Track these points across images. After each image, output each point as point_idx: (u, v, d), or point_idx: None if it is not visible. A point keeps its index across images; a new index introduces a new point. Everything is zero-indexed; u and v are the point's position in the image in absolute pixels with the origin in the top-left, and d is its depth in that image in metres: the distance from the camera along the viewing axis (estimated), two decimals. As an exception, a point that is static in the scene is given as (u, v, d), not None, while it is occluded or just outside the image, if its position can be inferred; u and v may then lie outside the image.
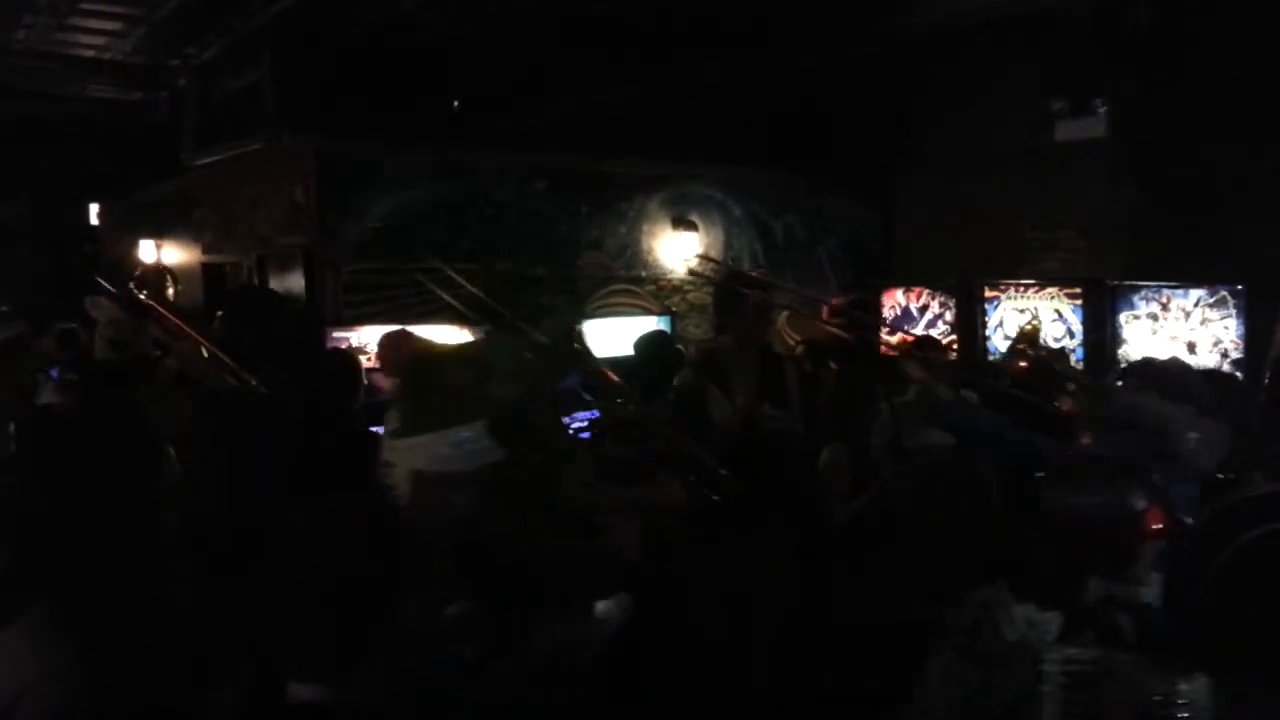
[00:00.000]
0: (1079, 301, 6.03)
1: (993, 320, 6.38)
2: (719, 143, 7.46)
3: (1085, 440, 2.88)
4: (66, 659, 1.38)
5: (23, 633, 1.42)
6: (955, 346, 6.39)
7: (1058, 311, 6.10)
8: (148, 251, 9.21)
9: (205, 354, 3.58)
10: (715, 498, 2.82)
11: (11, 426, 2.83)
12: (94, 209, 11.31)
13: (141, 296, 5.06)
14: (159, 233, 9.26)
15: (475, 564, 2.05)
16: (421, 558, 1.61)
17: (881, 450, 3.80)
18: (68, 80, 9.61)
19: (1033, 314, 6.27)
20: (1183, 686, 1.51)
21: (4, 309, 3.15)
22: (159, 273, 5.61)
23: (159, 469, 1.56)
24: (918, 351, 4.17)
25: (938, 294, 6.74)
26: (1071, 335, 6.02)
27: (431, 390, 2.10)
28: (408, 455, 2.02)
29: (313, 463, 3.33)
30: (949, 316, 6.62)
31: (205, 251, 8.16)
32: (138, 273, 5.46)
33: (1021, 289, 6.30)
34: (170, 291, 5.34)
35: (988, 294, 6.42)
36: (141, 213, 9.79)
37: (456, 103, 8.30)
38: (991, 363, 4.00)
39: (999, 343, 6.33)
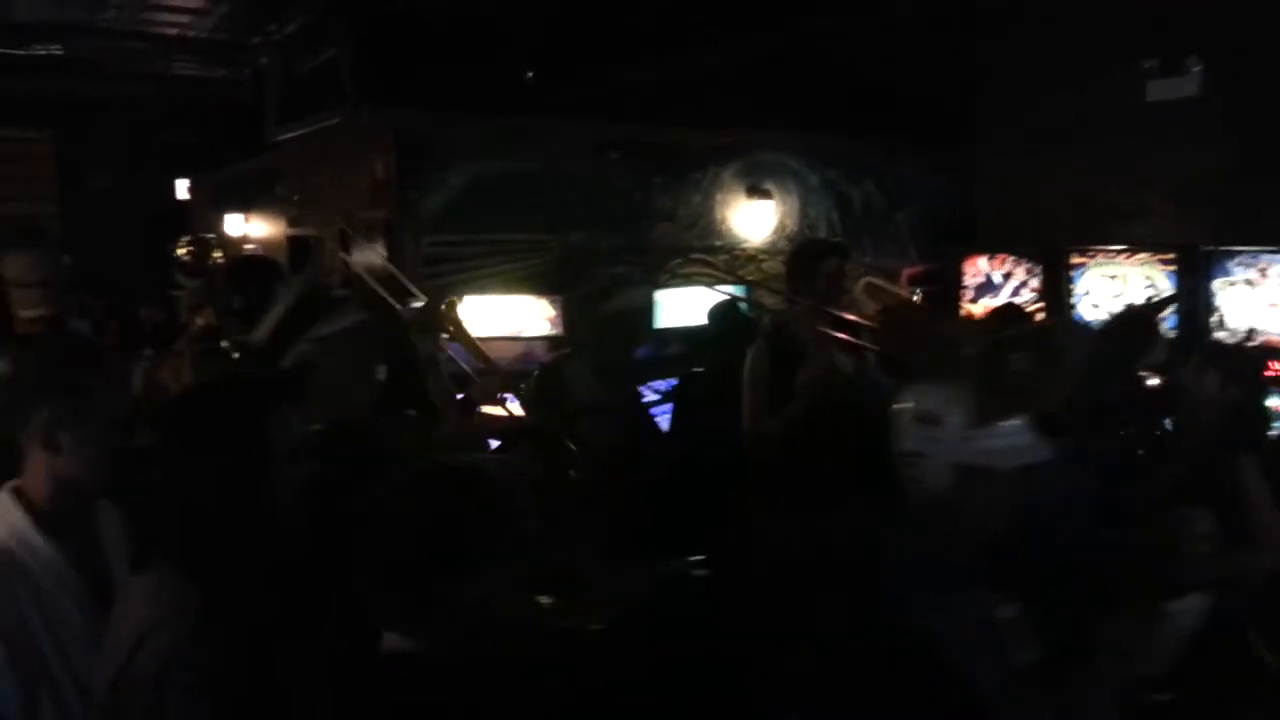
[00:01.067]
0: (1172, 268, 5.82)
1: (1079, 288, 6.19)
2: (795, 110, 7.33)
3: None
4: (185, 606, 1.55)
5: (152, 579, 1.63)
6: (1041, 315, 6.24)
7: (1149, 278, 5.90)
8: (234, 226, 9.48)
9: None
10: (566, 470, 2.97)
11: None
12: (182, 185, 11.66)
13: (181, 253, 5.42)
14: (246, 207, 9.51)
15: (1022, 566, 1.93)
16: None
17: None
18: (153, 59, 9.88)
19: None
20: None
21: (344, 292, 3.27)
22: (206, 241, 5.98)
23: (277, 434, 1.65)
24: (998, 322, 4.05)
25: (1022, 261, 6.56)
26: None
27: (996, 380, 1.99)
28: (946, 448, 1.90)
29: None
30: (1034, 284, 6.45)
31: (290, 225, 8.36)
32: (189, 238, 5.81)
33: (1111, 255, 6.10)
34: (218, 256, 5.62)
35: (1075, 261, 6.23)
36: (229, 188, 10.06)
37: (530, 74, 8.32)
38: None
39: (1086, 311, 6.15)
